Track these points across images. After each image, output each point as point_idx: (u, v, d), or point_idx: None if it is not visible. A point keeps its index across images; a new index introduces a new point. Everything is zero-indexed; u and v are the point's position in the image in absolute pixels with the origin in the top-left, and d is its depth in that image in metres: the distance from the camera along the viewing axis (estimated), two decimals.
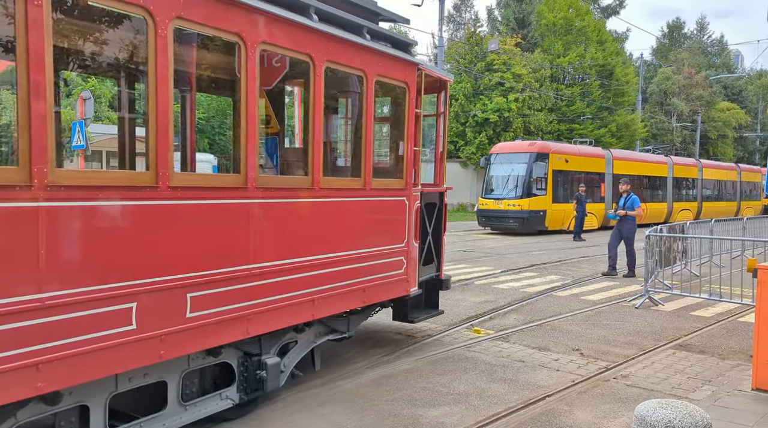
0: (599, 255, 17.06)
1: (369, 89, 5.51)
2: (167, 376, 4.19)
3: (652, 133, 47.20)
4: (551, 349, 7.10)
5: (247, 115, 4.33)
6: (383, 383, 5.81)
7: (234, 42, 4.23)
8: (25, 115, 3.11)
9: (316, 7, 4.82)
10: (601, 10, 51.85)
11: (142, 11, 3.61)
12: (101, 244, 3.49)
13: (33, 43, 3.11)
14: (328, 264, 5.21)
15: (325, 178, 5.16)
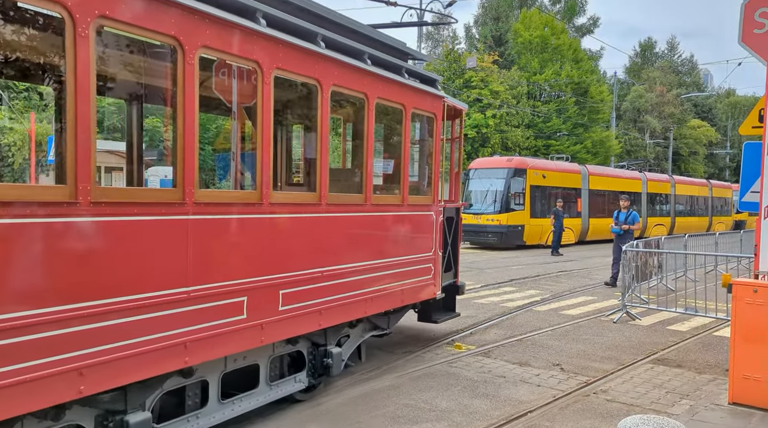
0: (577, 269, 17.27)
1: (407, 119, 6.52)
2: (260, 360, 5.11)
3: (626, 150, 48.22)
4: (532, 364, 7.13)
5: (322, 147, 5.34)
6: (366, 400, 5.78)
7: (314, 85, 5.19)
8: (180, 149, 4.01)
9: (369, 53, 5.83)
10: (576, 29, 53.10)
11: (252, 63, 4.53)
12: (226, 248, 4.35)
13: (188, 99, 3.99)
14: (377, 268, 6.14)
15: (374, 196, 6.08)
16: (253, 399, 5.06)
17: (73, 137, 3.40)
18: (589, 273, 16.30)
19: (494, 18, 48.08)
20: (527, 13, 43.08)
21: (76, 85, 3.35)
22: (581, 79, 40.64)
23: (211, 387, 4.63)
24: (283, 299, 4.88)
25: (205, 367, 4.46)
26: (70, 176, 3.33)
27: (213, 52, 4.22)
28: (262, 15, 4.49)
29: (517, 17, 45.14)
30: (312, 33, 5.03)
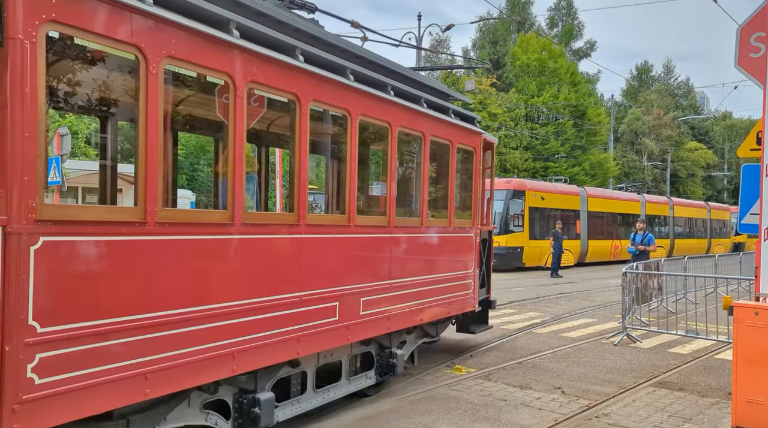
0: (577, 291, 17.19)
1: (453, 153, 7.45)
2: (342, 358, 6.01)
3: (624, 172, 48.44)
4: (533, 387, 7.06)
5: (390, 179, 6.35)
6: (365, 424, 5.72)
7: (386, 127, 6.21)
8: (297, 185, 5.01)
9: (424, 97, 6.79)
10: (573, 53, 53.80)
11: (342, 110, 5.56)
12: (325, 261, 5.25)
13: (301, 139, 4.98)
14: (430, 282, 7.01)
15: (428, 219, 6.95)
16: (337, 391, 5.96)
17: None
18: (588, 296, 16.23)
19: (492, 42, 48.73)
20: (525, 37, 43.66)
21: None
22: (579, 102, 41.01)
23: (308, 377, 5.58)
24: (363, 305, 5.80)
25: (306, 360, 5.39)
26: (230, 204, 4.34)
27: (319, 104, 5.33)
28: (351, 73, 5.51)
29: (515, 41, 45.72)
30: (383, 84, 6.09)
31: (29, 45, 3.04)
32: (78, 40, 3.72)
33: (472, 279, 8.02)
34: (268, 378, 4.92)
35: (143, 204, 3.72)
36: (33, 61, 3.07)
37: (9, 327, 3.00)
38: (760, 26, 5.60)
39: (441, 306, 7.34)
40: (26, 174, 3.07)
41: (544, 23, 54.00)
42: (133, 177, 3.81)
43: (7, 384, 2.99)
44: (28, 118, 3.08)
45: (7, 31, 2.95)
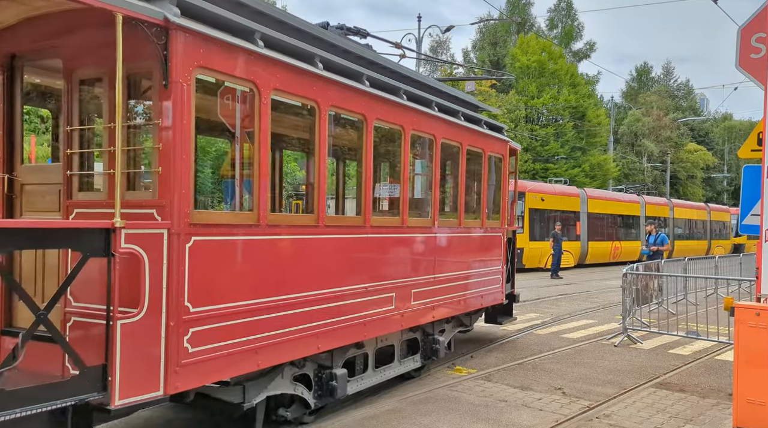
0: (577, 292, 17.16)
1: (485, 161, 8.40)
2: (395, 342, 6.83)
3: (624, 173, 48.40)
4: (533, 388, 7.02)
5: (435, 185, 7.16)
6: (366, 424, 5.69)
7: (431, 139, 7.12)
8: (364, 191, 5.92)
9: (462, 111, 7.73)
10: (573, 54, 53.80)
11: (397, 127, 6.49)
12: (385, 257, 6.18)
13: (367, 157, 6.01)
14: (467, 277, 7.92)
15: (464, 220, 7.86)
16: (391, 371, 6.79)
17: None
18: (589, 297, 16.19)
19: (492, 43, 48.76)
20: (525, 39, 43.63)
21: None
22: (579, 103, 40.96)
23: (370, 358, 6.39)
24: (414, 296, 6.62)
25: (368, 343, 6.22)
26: (315, 208, 5.22)
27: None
28: (404, 93, 6.46)
29: (515, 42, 45.71)
30: (429, 101, 6.95)
31: (186, 86, 3.92)
32: (213, 79, 4.51)
33: (500, 274, 8.97)
34: (341, 357, 5.80)
35: (257, 209, 4.54)
36: (188, 97, 3.94)
37: (172, 306, 3.82)
38: (761, 27, 5.61)
39: (475, 299, 8.22)
40: (183, 187, 3.90)
41: (544, 24, 53.99)
42: (250, 186, 4.64)
43: (171, 351, 3.81)
44: (185, 142, 3.91)
45: (171, 76, 3.83)
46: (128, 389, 3.57)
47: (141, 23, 3.65)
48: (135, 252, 3.63)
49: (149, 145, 4.09)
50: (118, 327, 3.52)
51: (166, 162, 3.86)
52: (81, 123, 4.34)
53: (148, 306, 3.68)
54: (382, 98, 5.98)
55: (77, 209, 4.23)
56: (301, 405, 5.47)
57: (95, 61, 4.17)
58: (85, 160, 4.37)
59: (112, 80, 3.94)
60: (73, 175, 4.29)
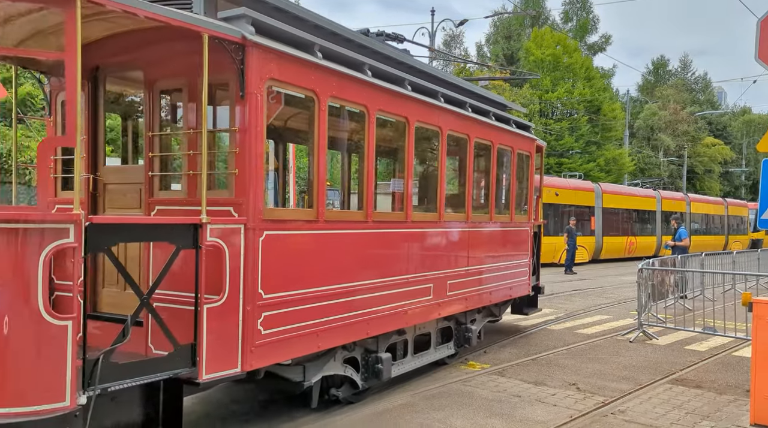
0: (591, 288, 17.03)
1: (513, 158, 8.82)
2: (431, 330, 7.25)
3: (639, 168, 47.85)
4: (547, 384, 7.03)
5: (468, 182, 7.61)
6: (379, 419, 5.74)
7: (465, 139, 7.53)
8: (406, 190, 6.38)
9: (492, 111, 8.14)
10: (588, 48, 53.18)
11: (435, 127, 6.93)
12: (424, 250, 6.59)
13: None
14: (497, 270, 8.37)
15: (495, 215, 8.32)
16: (427, 357, 7.19)
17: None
18: (603, 292, 16.06)
19: (506, 37, 48.39)
20: (539, 32, 43.19)
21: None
22: (594, 97, 40.51)
23: (409, 344, 6.81)
24: (449, 287, 7.06)
25: (408, 330, 6.69)
26: (365, 205, 5.77)
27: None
28: (441, 96, 6.86)
29: (529, 36, 45.29)
30: (463, 102, 7.38)
31: (259, 96, 4.38)
32: (280, 89, 4.92)
33: (527, 267, 9.44)
34: (385, 342, 6.27)
35: (316, 205, 5.01)
36: (261, 107, 4.40)
37: (248, 293, 4.27)
38: None
39: (504, 290, 8.69)
40: (257, 187, 4.38)
41: (559, 18, 53.43)
42: (308, 186, 5.14)
43: (247, 333, 4.27)
44: (258, 147, 4.39)
45: (247, 88, 4.30)
46: (213, 365, 4.05)
47: (222, 41, 4.11)
48: (218, 244, 4.10)
49: (227, 149, 4.58)
50: (205, 311, 3.99)
51: (242, 164, 4.33)
52: (161, 129, 4.83)
53: (229, 292, 4.14)
54: (421, 101, 6.45)
55: (158, 206, 4.73)
56: (349, 385, 5.94)
57: (175, 73, 4.64)
58: (165, 162, 4.85)
59: (191, 90, 4.52)
60: (154, 176, 4.76)
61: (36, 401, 3.17)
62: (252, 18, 4.30)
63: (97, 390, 3.37)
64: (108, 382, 3.47)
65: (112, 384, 3.50)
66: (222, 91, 4.55)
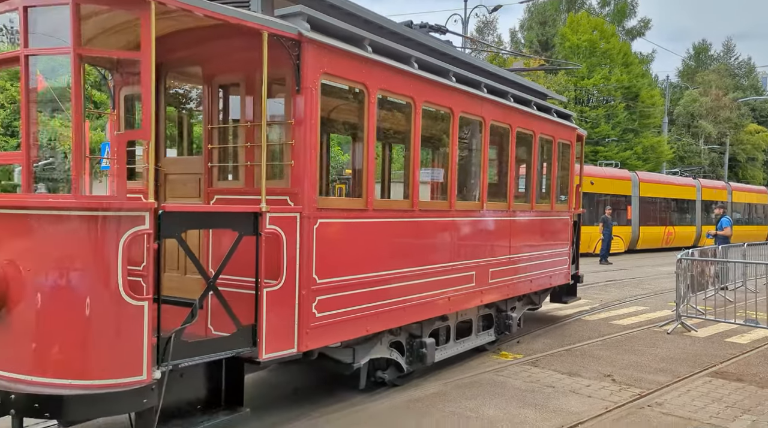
0: (627, 278, 16.83)
1: (555, 147, 8.92)
2: (472, 317, 7.45)
3: (679, 156, 46.55)
4: (582, 375, 7.02)
5: (510, 171, 7.81)
6: (411, 407, 5.79)
7: (507, 128, 7.67)
8: (451, 180, 6.60)
9: (534, 101, 8.22)
10: (626, 32, 51.71)
11: (479, 118, 7.11)
12: (467, 238, 6.79)
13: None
14: (538, 258, 8.48)
15: (536, 204, 8.44)
16: (469, 343, 7.40)
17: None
18: (640, 283, 15.88)
19: (540, 22, 47.42)
20: (575, 17, 42.20)
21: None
22: (631, 83, 39.49)
23: (451, 330, 7.02)
24: (491, 275, 7.26)
25: (451, 317, 6.87)
26: (411, 194, 5.89)
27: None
28: (484, 86, 6.99)
29: (565, 21, 44.30)
30: (505, 92, 7.46)
31: (314, 91, 4.57)
32: (333, 83, 5.11)
33: (567, 256, 9.59)
34: (429, 327, 6.46)
35: (365, 195, 5.24)
36: (316, 100, 4.60)
37: (304, 278, 4.53)
38: None
39: (545, 278, 8.82)
40: (312, 178, 4.59)
41: (596, 2, 52.05)
42: (356, 176, 5.56)
43: (303, 315, 4.53)
44: (313, 139, 4.59)
45: (303, 82, 4.50)
46: (272, 345, 4.30)
47: (280, 38, 4.29)
48: (276, 232, 4.33)
49: (282, 141, 4.81)
50: (264, 294, 4.23)
51: (298, 156, 4.55)
52: (220, 122, 5.07)
53: (286, 277, 4.39)
54: (465, 92, 6.56)
55: (217, 196, 4.97)
56: (395, 368, 6.16)
57: (232, 68, 4.86)
58: (223, 154, 5.09)
59: (248, 85, 4.73)
60: (213, 166, 5.01)
61: (117, 374, 3.46)
62: (308, 15, 4.47)
63: (169, 366, 3.65)
64: (179, 359, 3.74)
65: (182, 360, 3.77)
66: (278, 86, 4.74)
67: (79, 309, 3.44)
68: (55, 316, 3.49)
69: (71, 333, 3.47)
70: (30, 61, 3.52)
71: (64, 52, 3.45)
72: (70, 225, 3.51)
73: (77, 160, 3.51)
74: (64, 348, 3.48)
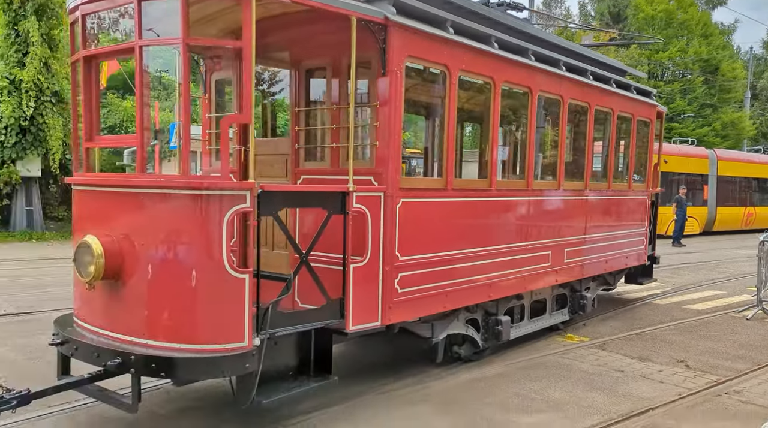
0: (702, 261, 16.18)
1: (634, 125, 8.72)
2: (547, 296, 7.47)
3: (762, 132, 43.61)
4: (653, 360, 6.84)
5: (587, 149, 7.66)
6: (474, 386, 5.76)
7: (585, 107, 7.59)
8: (529, 160, 6.58)
9: (613, 78, 8.06)
10: (706, 1, 48.42)
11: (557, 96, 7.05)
12: (542, 217, 6.80)
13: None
14: (614, 238, 8.39)
15: (612, 183, 8.32)
16: (542, 322, 7.43)
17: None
18: (716, 266, 15.23)
19: None
20: None
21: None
22: (711, 56, 37.13)
23: (526, 309, 7.09)
24: (567, 255, 7.26)
25: (525, 296, 6.95)
26: (488, 174, 6.01)
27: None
28: (563, 64, 6.90)
29: None
30: (584, 70, 7.35)
31: (399, 73, 4.71)
32: (416, 65, 5.22)
33: (644, 236, 9.43)
34: (504, 306, 6.55)
35: (445, 175, 5.35)
36: (401, 83, 4.73)
37: (387, 255, 4.72)
38: None
39: (620, 259, 8.73)
40: (396, 158, 4.77)
41: None
42: (437, 156, 5.70)
43: (386, 290, 4.74)
44: (397, 121, 4.74)
45: (388, 65, 4.63)
46: (358, 318, 4.54)
47: (367, 23, 4.43)
48: (362, 210, 4.53)
49: (366, 123, 4.98)
50: (351, 270, 4.46)
51: (383, 137, 4.70)
52: (306, 105, 5.28)
53: (371, 254, 4.60)
54: (544, 71, 6.52)
55: (303, 176, 5.21)
56: (470, 345, 6.31)
57: (319, 53, 5.06)
58: (309, 135, 5.32)
59: (335, 68, 4.93)
60: (300, 148, 5.24)
61: (221, 340, 3.78)
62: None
63: (267, 334, 3.94)
64: (276, 328, 4.03)
65: (279, 329, 4.06)
66: (363, 68, 4.88)
67: (187, 280, 3.76)
68: (166, 286, 3.83)
69: (180, 301, 3.81)
70: (144, 52, 3.79)
71: (175, 42, 3.73)
72: (179, 202, 3.83)
73: (186, 142, 3.80)
74: (175, 315, 3.83)
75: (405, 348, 6.58)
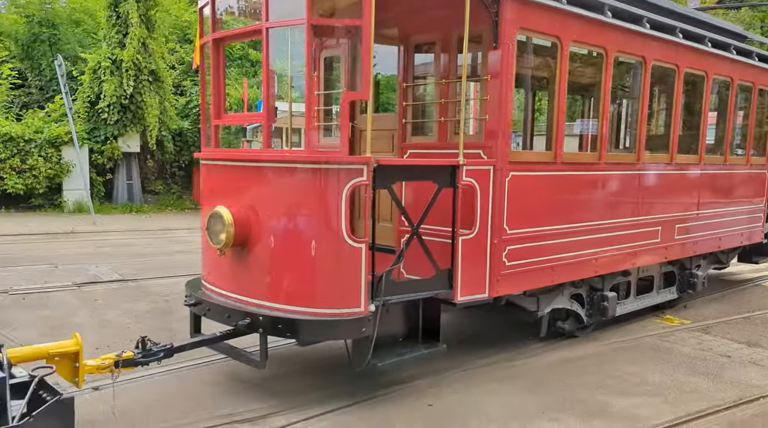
0: None
1: (754, 95, 8.23)
2: (654, 273, 7.29)
3: None
4: (763, 345, 6.48)
5: (703, 121, 7.35)
6: (566, 366, 5.68)
7: (702, 76, 7.24)
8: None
9: (733, 44, 7.68)
10: None
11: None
12: (653, 192, 6.62)
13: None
14: (729, 214, 8.11)
15: (729, 157, 8.00)
16: (648, 299, 7.25)
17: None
18: None
19: None
20: None
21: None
22: None
23: (632, 285, 6.98)
24: (677, 231, 7.05)
25: (632, 272, 6.82)
26: (598, 147, 5.87)
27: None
28: (680, 31, 6.64)
29: None
30: (702, 37, 7.06)
31: (511, 46, 4.70)
32: (527, 37, 5.22)
33: (761, 213, 9.03)
34: (610, 282, 6.45)
35: (554, 148, 5.32)
36: (512, 55, 4.72)
37: (495, 228, 4.78)
38: None
39: (735, 236, 8.39)
40: (506, 132, 4.76)
41: None
42: (548, 129, 5.57)
43: (494, 263, 4.81)
44: (508, 94, 4.72)
45: (500, 38, 4.64)
46: (466, 289, 4.65)
47: None
48: (471, 184, 4.59)
49: (477, 96, 5.00)
50: (460, 242, 4.57)
51: (493, 111, 4.71)
52: (414, 80, 5.36)
53: (479, 226, 4.67)
54: (659, 39, 6.28)
55: (410, 150, 5.34)
56: (574, 320, 6.27)
57: (428, 28, 5.11)
58: (416, 110, 5.41)
59: (444, 43, 4.97)
60: (407, 123, 5.34)
61: (340, 305, 4.04)
62: None
63: (381, 301, 4.15)
64: (389, 296, 4.23)
65: (392, 297, 4.26)
66: (473, 43, 4.89)
67: (309, 247, 4.03)
68: (290, 253, 4.12)
69: (303, 267, 4.09)
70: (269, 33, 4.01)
71: (300, 23, 3.92)
72: (302, 176, 4.08)
73: (309, 118, 4.04)
74: (297, 280, 4.12)
75: (509, 320, 6.66)
